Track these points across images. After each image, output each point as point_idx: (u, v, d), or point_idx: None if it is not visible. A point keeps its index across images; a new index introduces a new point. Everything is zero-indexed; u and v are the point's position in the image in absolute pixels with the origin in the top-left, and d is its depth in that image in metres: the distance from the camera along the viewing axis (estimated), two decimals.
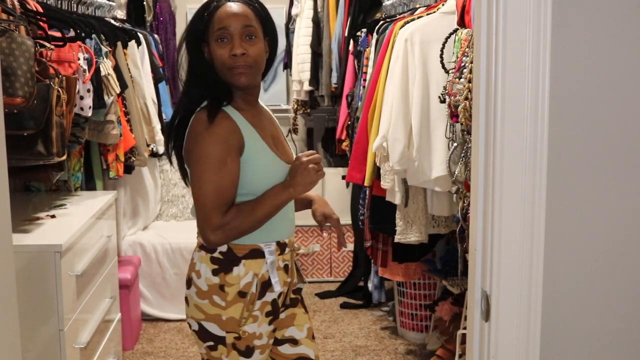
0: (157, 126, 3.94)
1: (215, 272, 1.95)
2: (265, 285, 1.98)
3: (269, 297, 1.99)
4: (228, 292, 1.94)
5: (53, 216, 2.76)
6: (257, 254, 1.97)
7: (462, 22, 2.55)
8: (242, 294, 1.95)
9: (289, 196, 1.95)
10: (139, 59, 3.87)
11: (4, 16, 2.38)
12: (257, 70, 1.94)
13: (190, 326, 2.03)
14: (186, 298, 2.02)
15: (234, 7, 1.92)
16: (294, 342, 2.12)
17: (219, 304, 1.95)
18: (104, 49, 3.23)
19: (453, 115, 2.51)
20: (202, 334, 1.99)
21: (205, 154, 1.87)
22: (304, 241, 4.89)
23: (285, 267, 2.03)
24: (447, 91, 2.57)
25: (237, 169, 1.90)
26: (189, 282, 2.01)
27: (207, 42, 1.93)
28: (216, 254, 1.96)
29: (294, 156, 2.05)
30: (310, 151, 1.99)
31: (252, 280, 1.96)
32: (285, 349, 2.12)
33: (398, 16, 3.58)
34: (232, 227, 1.89)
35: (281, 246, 2.02)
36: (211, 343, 1.98)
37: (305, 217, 4.38)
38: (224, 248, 1.96)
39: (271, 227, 1.98)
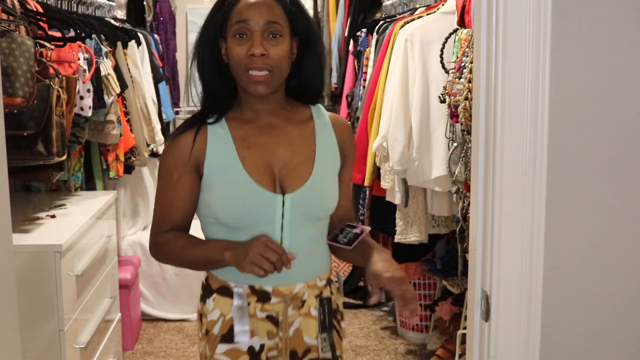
0: (157, 126, 3.94)
1: (200, 298, 1.75)
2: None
3: (244, 346, 1.66)
4: (203, 323, 1.72)
5: (53, 216, 2.75)
6: (226, 292, 1.67)
7: (462, 22, 2.55)
8: (206, 332, 1.69)
9: (221, 259, 1.59)
10: (139, 59, 3.87)
11: (4, 16, 2.38)
12: (278, 78, 1.60)
13: None
14: None
15: None
16: None
17: (200, 331, 1.76)
18: (104, 49, 3.23)
19: (453, 115, 2.51)
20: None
21: (159, 169, 1.70)
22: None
23: (270, 317, 1.66)
24: (447, 91, 2.57)
25: (186, 188, 1.64)
26: None
27: (225, 37, 1.61)
28: (203, 279, 1.75)
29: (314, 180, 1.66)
30: (278, 246, 1.55)
31: (217, 320, 1.68)
32: None
33: (398, 16, 3.58)
34: (164, 252, 1.69)
35: (260, 294, 1.65)
36: None
37: None
38: (204, 276, 1.75)
39: None
